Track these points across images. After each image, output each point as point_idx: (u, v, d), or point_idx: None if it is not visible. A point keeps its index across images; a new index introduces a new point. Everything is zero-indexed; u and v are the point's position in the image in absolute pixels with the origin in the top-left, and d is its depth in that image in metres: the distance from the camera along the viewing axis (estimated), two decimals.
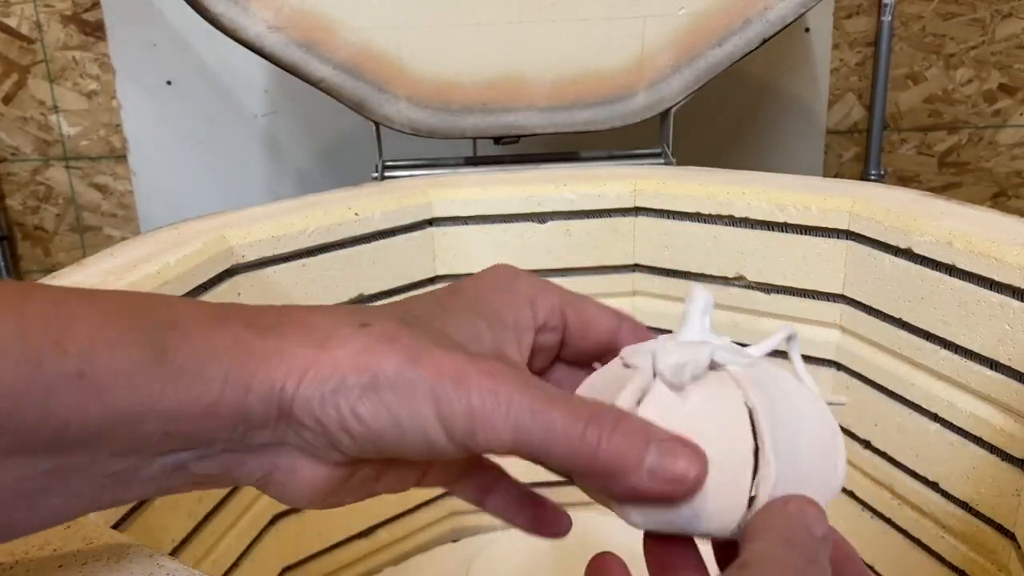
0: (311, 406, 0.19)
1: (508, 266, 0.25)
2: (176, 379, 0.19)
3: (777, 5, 0.59)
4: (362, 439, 0.20)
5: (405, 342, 0.20)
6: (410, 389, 0.19)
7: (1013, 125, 0.95)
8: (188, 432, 0.19)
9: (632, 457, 0.19)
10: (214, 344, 0.19)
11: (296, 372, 0.19)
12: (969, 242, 0.41)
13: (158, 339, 0.19)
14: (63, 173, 0.95)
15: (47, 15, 0.89)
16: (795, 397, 0.21)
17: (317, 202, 0.50)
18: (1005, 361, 0.40)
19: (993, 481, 0.41)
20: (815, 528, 0.19)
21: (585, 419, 0.19)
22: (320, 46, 0.58)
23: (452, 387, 0.19)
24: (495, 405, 0.19)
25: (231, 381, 0.19)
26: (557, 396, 0.20)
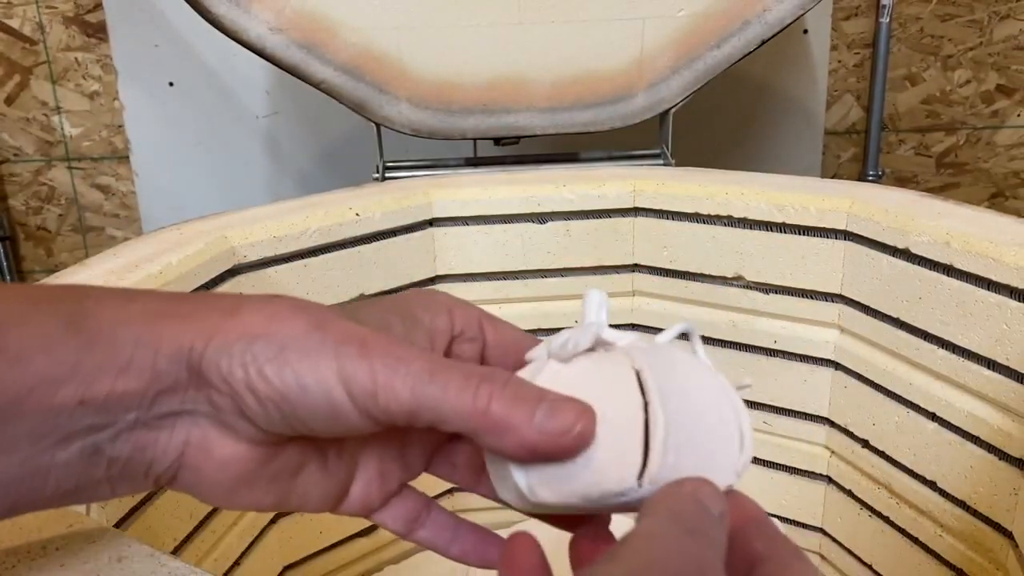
0: (219, 365, 0.20)
1: (429, 288, 0.27)
2: (90, 345, 0.19)
3: (776, 7, 0.59)
4: (268, 401, 0.20)
5: (313, 311, 0.21)
6: (315, 350, 0.20)
7: (1011, 126, 0.95)
8: (101, 399, 0.20)
9: (522, 412, 0.20)
10: (128, 311, 0.20)
11: (205, 333, 0.20)
12: (967, 242, 0.41)
13: (73, 310, 0.20)
14: (65, 174, 0.95)
15: (49, 16, 0.89)
16: (688, 369, 0.21)
17: (318, 202, 0.50)
18: (1003, 361, 0.40)
19: (991, 480, 0.41)
20: (710, 505, 0.19)
21: (477, 379, 0.20)
22: (321, 47, 0.59)
23: (356, 350, 0.20)
24: (395, 368, 0.20)
25: (141, 343, 0.20)
26: (454, 363, 0.21)
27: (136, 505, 0.37)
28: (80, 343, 0.19)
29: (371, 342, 0.20)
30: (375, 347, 0.20)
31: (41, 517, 0.25)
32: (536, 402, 0.20)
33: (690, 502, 0.18)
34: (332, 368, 0.20)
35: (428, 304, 0.24)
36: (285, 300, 0.21)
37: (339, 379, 0.20)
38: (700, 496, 0.19)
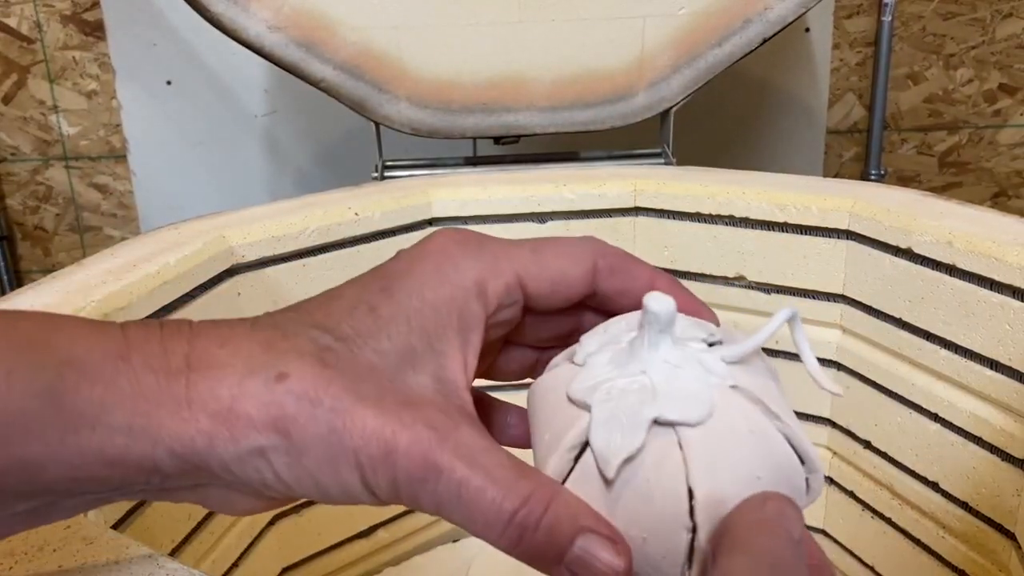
0: (228, 466, 0.19)
1: (455, 239, 0.22)
2: (76, 428, 0.17)
3: (777, 5, 0.59)
4: (289, 493, 0.19)
5: (328, 404, 0.18)
6: (335, 459, 0.18)
7: (1013, 125, 0.95)
8: (98, 479, 0.18)
9: (554, 552, 0.18)
10: (116, 388, 0.18)
11: (206, 431, 0.18)
12: (969, 242, 0.41)
13: (53, 381, 0.17)
14: (63, 173, 0.95)
15: (47, 15, 0.89)
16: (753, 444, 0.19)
17: (317, 202, 0.49)
18: (1005, 361, 0.40)
19: (993, 481, 0.41)
20: (791, 529, 0.17)
21: (512, 507, 0.18)
22: (320, 46, 0.58)
23: (379, 459, 0.18)
24: (422, 479, 0.18)
25: (136, 433, 0.18)
26: (488, 469, 0.19)
27: (134, 507, 0.37)
28: (63, 424, 0.17)
29: (397, 445, 0.18)
30: (400, 453, 0.18)
31: None
32: (571, 538, 0.18)
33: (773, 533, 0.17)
34: (354, 476, 0.19)
35: (454, 294, 0.21)
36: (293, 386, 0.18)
37: (361, 484, 0.19)
38: (784, 522, 0.17)
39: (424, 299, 0.21)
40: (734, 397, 0.20)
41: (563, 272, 0.22)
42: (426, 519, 0.56)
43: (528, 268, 0.22)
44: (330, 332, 0.20)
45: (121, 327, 0.19)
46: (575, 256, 0.22)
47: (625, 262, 0.23)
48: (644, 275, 0.23)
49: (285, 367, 0.19)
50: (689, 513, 0.18)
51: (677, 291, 0.23)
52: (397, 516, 0.55)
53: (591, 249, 0.23)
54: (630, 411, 0.19)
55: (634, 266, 0.23)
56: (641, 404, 0.19)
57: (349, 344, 0.20)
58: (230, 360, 0.19)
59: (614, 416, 0.19)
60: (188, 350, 0.19)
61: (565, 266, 0.22)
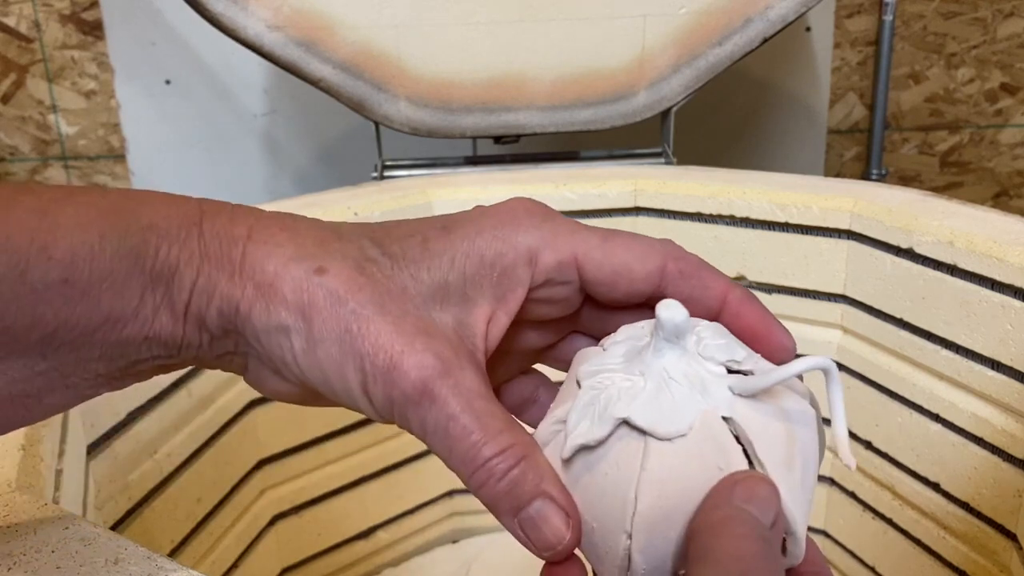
0: (258, 335, 0.20)
1: (527, 206, 0.23)
2: (154, 285, 0.20)
3: (778, 4, 0.59)
4: (298, 378, 0.21)
5: (351, 306, 0.20)
6: (343, 358, 0.20)
7: (1015, 125, 0.95)
8: (166, 337, 0.20)
9: (511, 504, 0.19)
10: (188, 250, 0.20)
11: (248, 299, 0.20)
12: (971, 242, 0.40)
13: (138, 244, 0.20)
14: (62, 173, 0.95)
15: (45, 14, 0.89)
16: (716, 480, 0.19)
17: (316, 202, 0.49)
18: (1007, 361, 0.39)
19: (994, 482, 0.41)
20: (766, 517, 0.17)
21: (487, 455, 0.19)
22: (319, 45, 0.58)
23: (381, 370, 0.20)
24: (416, 402, 0.20)
25: (197, 289, 0.20)
26: (478, 412, 0.20)
27: (133, 507, 0.37)
28: (143, 282, 0.20)
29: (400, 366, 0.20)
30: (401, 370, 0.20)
31: (37, 519, 0.24)
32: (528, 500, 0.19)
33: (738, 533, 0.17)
34: (357, 379, 0.20)
35: (505, 249, 0.22)
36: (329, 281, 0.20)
37: (361, 389, 0.20)
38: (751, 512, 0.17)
39: (474, 246, 0.22)
40: (719, 428, 0.19)
41: (627, 265, 0.22)
42: (425, 520, 0.56)
43: (591, 252, 0.22)
44: (380, 246, 0.22)
45: (198, 201, 0.21)
46: (644, 253, 0.22)
47: (699, 269, 0.22)
48: (718, 286, 0.22)
49: (327, 263, 0.21)
50: (630, 519, 0.19)
51: (747, 308, 0.22)
52: (397, 517, 0.55)
53: (663, 250, 0.22)
54: (606, 404, 0.20)
55: (708, 275, 0.22)
56: (619, 402, 0.20)
57: (393, 262, 0.21)
58: (285, 242, 0.21)
59: (591, 404, 0.20)
60: (253, 223, 0.21)
61: (631, 260, 0.22)
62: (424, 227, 0.22)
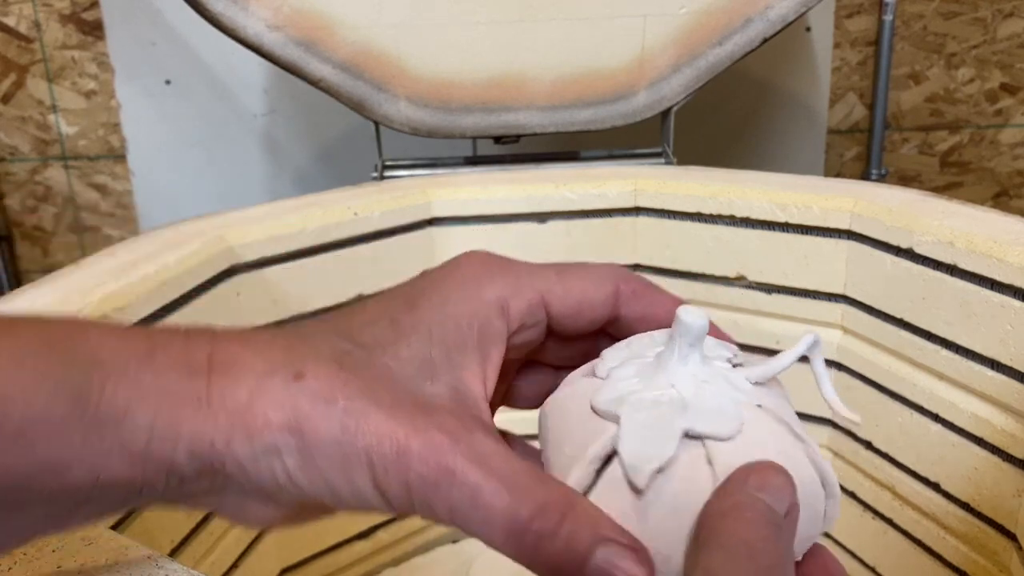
0: (243, 466, 0.19)
1: (480, 259, 0.23)
2: (100, 427, 0.18)
3: (778, 4, 0.59)
4: (301, 498, 0.19)
5: (342, 404, 0.19)
6: (347, 459, 0.18)
7: (1015, 125, 0.95)
8: (120, 481, 0.18)
9: (573, 563, 0.18)
10: (140, 386, 0.18)
11: (223, 429, 0.18)
12: (971, 242, 0.40)
13: (80, 382, 0.18)
14: (62, 173, 0.95)
15: (46, 14, 0.89)
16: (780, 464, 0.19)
17: (316, 202, 0.49)
18: (1007, 361, 0.39)
19: (995, 482, 0.41)
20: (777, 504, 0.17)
21: (528, 514, 0.18)
22: (319, 45, 0.58)
23: (391, 460, 0.18)
24: (435, 484, 0.18)
25: (158, 431, 0.18)
26: (503, 475, 0.18)
27: None
28: (86, 426, 0.18)
29: (411, 447, 0.18)
30: (413, 455, 0.18)
31: None
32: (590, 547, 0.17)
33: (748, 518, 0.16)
34: (366, 477, 0.18)
35: (477, 309, 0.21)
36: (309, 385, 0.19)
37: (373, 487, 0.19)
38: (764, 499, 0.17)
39: (446, 313, 0.21)
40: (762, 416, 0.20)
41: (586, 294, 0.22)
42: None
43: (552, 289, 0.22)
44: (350, 339, 0.20)
45: (146, 330, 0.19)
46: (598, 279, 0.23)
47: (647, 288, 0.23)
48: (666, 302, 0.23)
49: (302, 367, 0.19)
50: None
51: (667, 305, 0.23)
52: (397, 517, 0.55)
53: (614, 274, 0.23)
54: (661, 422, 0.19)
55: (656, 293, 0.23)
56: (672, 415, 0.19)
57: (368, 351, 0.20)
58: (251, 360, 0.19)
59: (645, 426, 0.19)
60: (211, 350, 0.19)
61: (588, 288, 0.22)
62: (387, 308, 0.21)
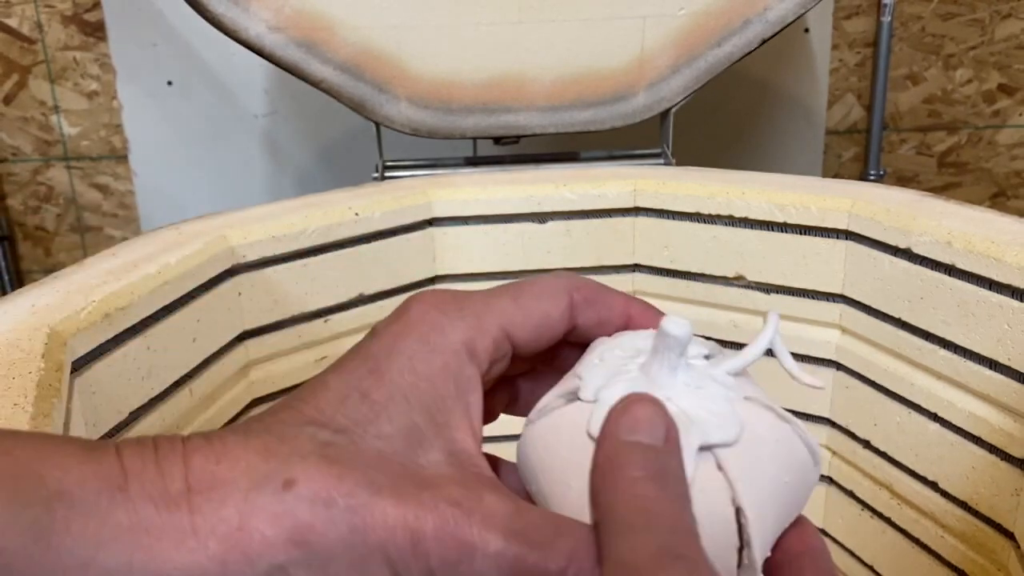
0: None
1: (432, 303, 0.21)
2: (65, 570, 0.16)
3: (776, 5, 0.59)
4: None
5: (343, 504, 0.17)
6: (362, 561, 0.17)
7: (1012, 125, 0.95)
8: None
9: None
10: (113, 522, 0.16)
11: (217, 557, 0.17)
12: (969, 242, 0.41)
13: (42, 517, 0.16)
14: (64, 173, 0.95)
15: (48, 15, 0.89)
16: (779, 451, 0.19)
17: (317, 202, 0.50)
18: (1004, 361, 0.40)
19: (992, 481, 0.41)
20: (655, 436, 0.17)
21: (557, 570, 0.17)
22: (320, 46, 0.58)
23: (408, 549, 0.17)
24: (457, 562, 0.17)
25: (137, 570, 0.16)
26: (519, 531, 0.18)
27: None
28: (51, 565, 0.16)
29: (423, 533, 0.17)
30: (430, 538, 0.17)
31: None
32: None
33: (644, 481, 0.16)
34: (385, 573, 0.17)
35: (445, 362, 0.20)
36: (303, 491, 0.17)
37: None
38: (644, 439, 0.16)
39: (417, 373, 0.20)
40: (752, 408, 0.20)
41: (545, 314, 0.22)
42: None
43: (512, 318, 0.21)
44: (326, 427, 0.19)
45: (116, 450, 0.18)
46: (553, 295, 0.22)
47: (599, 293, 0.23)
48: (619, 303, 0.23)
49: (290, 472, 0.18)
50: (738, 532, 0.18)
51: (651, 314, 0.23)
52: None
53: (565, 285, 0.22)
54: None
55: (608, 295, 0.23)
56: (684, 433, 0.19)
57: (349, 435, 0.19)
58: (230, 476, 0.17)
59: None
60: (185, 471, 0.17)
61: (546, 307, 0.22)
62: (351, 381, 0.20)
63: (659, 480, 0.16)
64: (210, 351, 0.43)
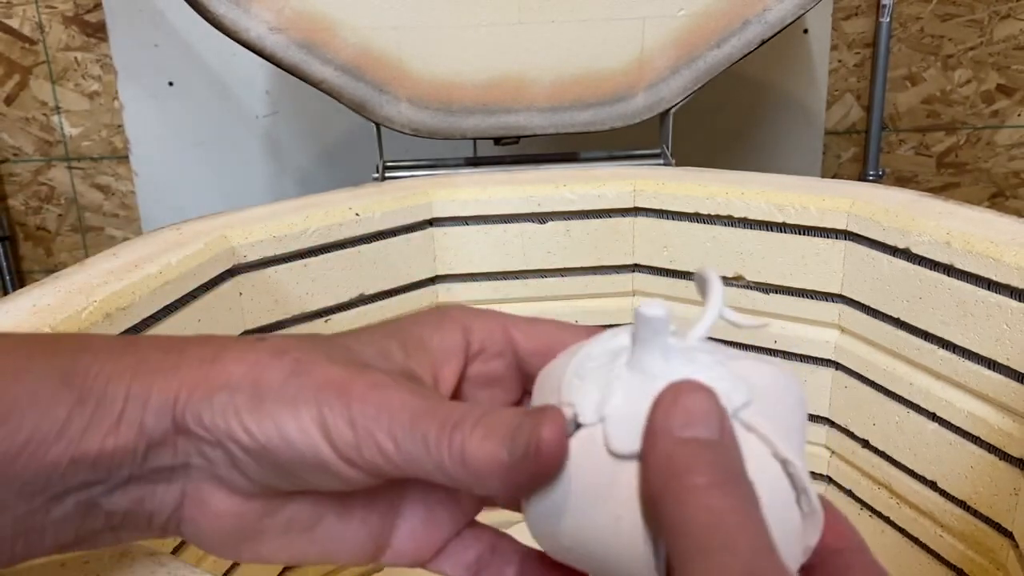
0: (201, 417, 0.19)
1: (450, 306, 0.24)
2: (82, 401, 0.19)
3: (776, 6, 0.59)
4: (252, 453, 0.19)
5: (294, 355, 0.20)
6: (292, 399, 0.19)
7: (1011, 126, 0.95)
8: (93, 457, 0.19)
9: (493, 446, 0.17)
10: (121, 364, 0.19)
11: (188, 383, 0.19)
12: (967, 242, 0.41)
13: (68, 364, 0.19)
14: (65, 173, 0.95)
15: (49, 16, 0.89)
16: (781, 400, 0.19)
17: (318, 202, 0.50)
18: (1003, 360, 0.40)
19: (991, 480, 0.41)
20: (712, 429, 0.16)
21: (452, 424, 0.18)
22: (321, 47, 0.59)
23: (334, 396, 0.19)
24: (376, 415, 0.18)
25: (131, 397, 0.19)
26: (439, 406, 0.19)
27: None
28: (72, 399, 0.19)
29: (353, 387, 0.19)
30: (356, 392, 0.19)
31: None
32: (508, 429, 0.17)
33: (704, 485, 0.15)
34: (312, 418, 0.19)
35: (439, 323, 0.22)
36: (268, 344, 0.20)
37: (319, 429, 0.19)
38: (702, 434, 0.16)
39: (410, 322, 0.22)
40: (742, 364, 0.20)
41: (555, 336, 0.22)
42: None
43: (518, 324, 0.22)
44: (313, 336, 0.22)
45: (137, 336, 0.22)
46: (566, 326, 0.22)
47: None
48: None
49: (264, 336, 0.21)
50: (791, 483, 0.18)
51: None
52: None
53: (584, 327, 0.23)
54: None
55: None
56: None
57: (330, 341, 0.21)
58: (221, 338, 0.21)
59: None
60: (186, 337, 0.21)
61: (556, 331, 0.22)
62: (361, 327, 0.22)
63: (727, 485, 0.15)
64: None
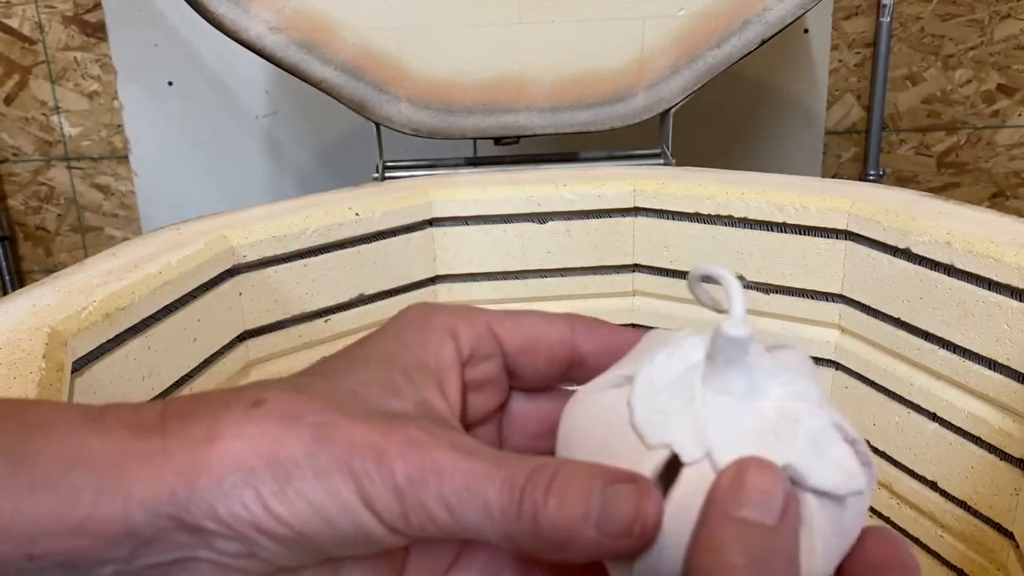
0: (213, 508, 0.16)
1: (423, 304, 0.22)
2: (35, 490, 0.16)
3: (776, 6, 0.59)
4: (286, 541, 0.17)
5: (310, 419, 0.17)
6: (325, 473, 0.17)
7: (1011, 126, 0.95)
8: (60, 554, 0.16)
9: (574, 514, 0.16)
10: (86, 448, 0.16)
11: (186, 471, 0.16)
12: (968, 242, 0.41)
13: (17, 444, 0.16)
14: (65, 173, 0.95)
15: (48, 16, 0.89)
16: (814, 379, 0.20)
17: (318, 202, 0.50)
18: (1003, 361, 0.40)
19: (991, 480, 0.41)
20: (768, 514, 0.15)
21: (520, 486, 0.16)
22: (321, 47, 0.59)
23: (371, 463, 0.17)
24: (423, 480, 0.17)
25: (105, 490, 0.16)
26: (498, 467, 0.17)
27: None
28: (21, 487, 0.16)
29: (388, 448, 0.17)
30: (394, 454, 0.17)
31: None
32: (585, 495, 0.16)
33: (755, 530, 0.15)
34: (351, 490, 0.17)
35: (427, 337, 0.20)
36: (271, 408, 0.17)
37: (361, 501, 0.17)
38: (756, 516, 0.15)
39: (400, 341, 0.20)
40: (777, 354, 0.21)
41: (539, 329, 0.21)
42: None
43: (502, 322, 0.21)
44: (306, 375, 0.19)
45: (100, 406, 0.18)
46: (550, 317, 0.22)
47: (601, 323, 0.22)
48: (624, 335, 0.22)
49: (260, 396, 0.18)
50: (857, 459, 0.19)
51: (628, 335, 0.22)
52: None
53: (565, 315, 0.22)
54: (824, 439, 0.18)
55: (611, 326, 0.22)
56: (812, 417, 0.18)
57: (327, 378, 0.19)
58: (203, 404, 0.18)
59: (811, 446, 0.17)
60: (163, 407, 0.18)
61: (540, 324, 0.21)
62: (344, 351, 0.20)
63: (762, 569, 0.15)
64: (211, 351, 0.43)
